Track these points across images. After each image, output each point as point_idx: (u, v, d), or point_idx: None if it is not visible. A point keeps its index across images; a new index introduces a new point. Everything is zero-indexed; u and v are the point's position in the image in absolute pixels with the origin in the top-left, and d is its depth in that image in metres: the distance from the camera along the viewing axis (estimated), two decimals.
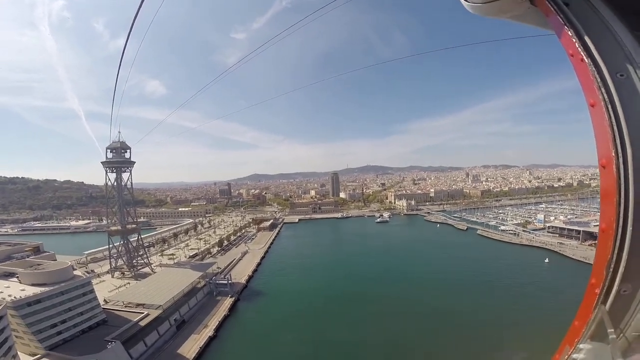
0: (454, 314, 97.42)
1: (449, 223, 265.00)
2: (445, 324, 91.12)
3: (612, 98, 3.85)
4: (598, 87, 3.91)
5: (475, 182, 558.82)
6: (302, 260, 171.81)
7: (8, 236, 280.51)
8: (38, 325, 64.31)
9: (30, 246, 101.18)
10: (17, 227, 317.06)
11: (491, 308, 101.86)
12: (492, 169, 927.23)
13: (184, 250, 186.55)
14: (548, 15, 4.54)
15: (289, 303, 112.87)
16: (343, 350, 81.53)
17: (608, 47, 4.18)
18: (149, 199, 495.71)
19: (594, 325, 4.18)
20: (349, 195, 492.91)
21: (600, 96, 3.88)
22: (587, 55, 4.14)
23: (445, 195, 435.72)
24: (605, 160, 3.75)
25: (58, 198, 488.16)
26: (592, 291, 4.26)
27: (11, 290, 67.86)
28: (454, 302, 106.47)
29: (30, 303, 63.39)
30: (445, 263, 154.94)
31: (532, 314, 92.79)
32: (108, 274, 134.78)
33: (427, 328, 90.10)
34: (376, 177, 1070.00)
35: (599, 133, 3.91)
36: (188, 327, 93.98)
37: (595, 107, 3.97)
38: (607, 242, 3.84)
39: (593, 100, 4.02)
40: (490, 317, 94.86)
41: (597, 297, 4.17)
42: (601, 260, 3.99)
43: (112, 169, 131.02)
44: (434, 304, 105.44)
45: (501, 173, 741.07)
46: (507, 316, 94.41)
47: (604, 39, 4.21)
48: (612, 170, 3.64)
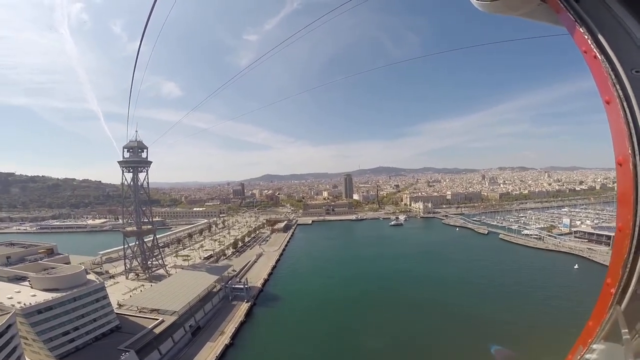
0: (489, 321, 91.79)
1: (469, 227, 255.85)
2: (482, 333, 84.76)
3: (628, 94, 3.89)
4: (613, 84, 3.96)
5: (493, 185, 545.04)
6: (317, 264, 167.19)
7: (26, 234, 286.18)
8: (49, 333, 61.07)
9: (44, 248, 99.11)
10: (36, 225, 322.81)
11: (527, 315, 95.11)
12: (508, 171, 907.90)
13: (199, 252, 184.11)
14: (559, 12, 4.56)
15: (306, 309, 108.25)
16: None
17: (621, 43, 4.15)
18: (164, 199, 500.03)
19: (609, 326, 4.10)
20: (363, 197, 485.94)
21: (615, 93, 3.93)
22: (601, 52, 4.13)
23: (462, 197, 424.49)
24: (621, 158, 3.77)
25: (76, 197, 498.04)
26: (608, 291, 4.18)
27: (21, 296, 65.01)
28: (487, 308, 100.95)
29: (40, 310, 60.15)
30: (470, 268, 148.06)
31: (571, 321, 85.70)
32: (122, 275, 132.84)
33: (461, 338, 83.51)
34: (389, 178, 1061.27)
35: (615, 130, 3.94)
36: (203, 333, 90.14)
37: (611, 104, 4.00)
38: (623, 242, 3.85)
39: (608, 97, 4.05)
40: (528, 325, 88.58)
41: (612, 297, 4.11)
42: (617, 260, 4.00)
43: (129, 168, 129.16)
44: (465, 310, 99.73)
45: (518, 175, 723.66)
46: (544, 323, 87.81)
47: (617, 35, 4.17)
48: (628, 168, 3.64)
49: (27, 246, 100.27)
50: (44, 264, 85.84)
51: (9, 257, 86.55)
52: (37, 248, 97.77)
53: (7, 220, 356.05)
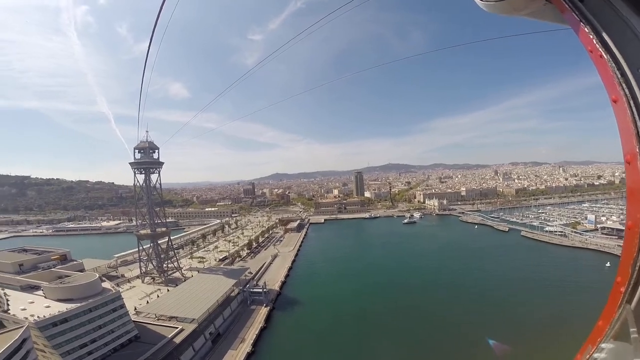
0: (530, 326, 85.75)
1: (488, 224, 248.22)
2: (526, 341, 78.81)
3: (634, 93, 3.94)
4: (619, 83, 4.08)
5: (507, 180, 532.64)
6: (334, 265, 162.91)
7: (42, 237, 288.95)
8: (66, 346, 57.83)
9: (57, 254, 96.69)
10: (52, 227, 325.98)
11: (566, 317, 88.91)
12: (521, 167, 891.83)
13: (213, 253, 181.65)
14: (563, 12, 4.65)
15: (325, 314, 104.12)
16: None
17: (627, 42, 4.17)
18: (176, 199, 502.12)
19: (618, 325, 4.15)
20: (375, 194, 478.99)
21: (621, 92, 4.00)
22: (606, 51, 4.20)
23: (477, 194, 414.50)
24: (630, 156, 3.81)
25: (90, 199, 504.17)
26: (618, 290, 4.17)
27: (35, 307, 61.97)
28: (526, 311, 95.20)
29: (55, 323, 57.00)
30: (497, 267, 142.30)
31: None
32: (138, 278, 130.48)
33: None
34: (399, 175, 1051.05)
35: (623, 129, 3.99)
36: (224, 341, 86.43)
37: (618, 102, 4.06)
38: (633, 240, 3.86)
39: (615, 96, 4.11)
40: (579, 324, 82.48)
41: (622, 296, 4.11)
42: (627, 258, 4.02)
43: (141, 169, 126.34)
44: (500, 313, 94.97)
45: (532, 170, 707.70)
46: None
47: (622, 34, 4.20)
48: (637, 166, 3.71)
49: (40, 252, 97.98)
50: (57, 271, 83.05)
51: (22, 264, 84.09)
52: (51, 254, 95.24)
53: (25, 223, 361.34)
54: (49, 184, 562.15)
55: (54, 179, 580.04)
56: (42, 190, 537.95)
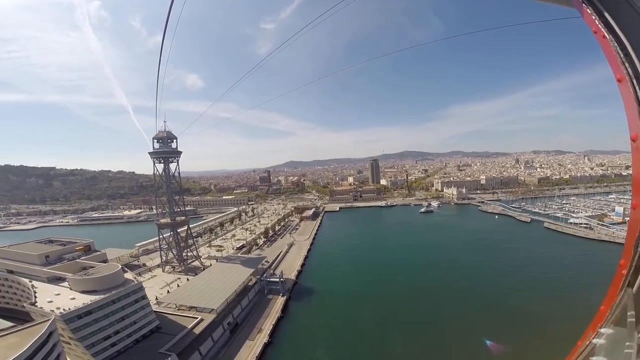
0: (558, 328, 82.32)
1: (509, 214, 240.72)
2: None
3: (638, 72, 4.00)
4: (622, 63, 4.25)
5: (529, 169, 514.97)
6: (349, 254, 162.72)
7: (68, 227, 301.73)
8: (91, 338, 59.53)
9: (82, 245, 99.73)
10: (77, 217, 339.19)
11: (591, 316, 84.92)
12: (543, 155, 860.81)
13: (231, 241, 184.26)
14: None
15: (341, 304, 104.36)
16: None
17: (630, 22, 4.24)
18: (194, 187, 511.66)
19: (619, 310, 4.14)
20: (391, 182, 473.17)
21: (624, 71, 4.19)
22: (609, 31, 4.31)
23: (498, 182, 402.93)
24: (635, 134, 3.98)
25: (112, 188, 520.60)
26: (620, 273, 4.16)
27: (61, 299, 64.07)
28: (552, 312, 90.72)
29: (80, 315, 58.62)
30: (520, 261, 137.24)
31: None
32: (159, 267, 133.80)
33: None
34: (415, 162, 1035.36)
35: (628, 107, 4.10)
36: (242, 331, 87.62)
37: (622, 82, 4.14)
38: (638, 220, 3.84)
39: (619, 75, 4.19)
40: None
41: (623, 279, 4.07)
42: (630, 240, 4.02)
43: (160, 159, 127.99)
44: (535, 309, 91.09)
45: (555, 159, 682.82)
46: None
47: (625, 15, 4.55)
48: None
49: (65, 243, 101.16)
50: (81, 262, 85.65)
51: (48, 256, 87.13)
52: (75, 245, 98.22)
53: (51, 214, 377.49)
54: (73, 174, 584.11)
55: (77, 170, 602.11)
56: (67, 180, 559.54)
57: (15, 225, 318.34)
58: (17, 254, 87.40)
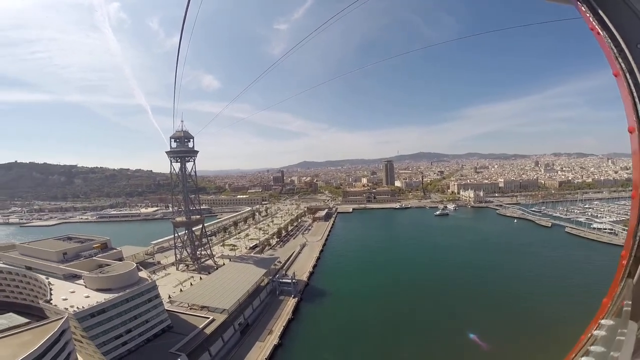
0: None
1: (528, 218, 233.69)
2: None
3: (632, 68, 4.12)
4: (615, 58, 4.33)
5: (549, 172, 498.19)
6: (362, 256, 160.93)
7: (87, 224, 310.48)
8: (102, 337, 59.91)
9: (99, 242, 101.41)
10: (96, 214, 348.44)
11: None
12: (564, 158, 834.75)
13: (244, 241, 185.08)
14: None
15: (352, 307, 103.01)
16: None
17: (624, 19, 4.54)
18: (210, 186, 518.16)
19: (619, 301, 4.16)
20: (405, 183, 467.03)
21: (618, 66, 4.33)
22: (603, 28, 4.60)
23: (517, 186, 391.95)
24: (631, 127, 4.22)
25: (130, 186, 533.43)
26: (621, 264, 4.28)
27: (75, 297, 64.80)
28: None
29: (93, 314, 59.14)
30: (541, 264, 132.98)
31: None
32: (173, 265, 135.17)
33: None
34: (430, 164, 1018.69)
35: (625, 101, 4.28)
36: (252, 332, 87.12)
37: (618, 77, 4.32)
38: (636, 210, 4.01)
39: (615, 70, 4.35)
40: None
41: (623, 270, 4.15)
42: (630, 230, 4.11)
43: (177, 158, 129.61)
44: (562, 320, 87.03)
45: (576, 162, 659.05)
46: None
47: (619, 11, 4.56)
48: (636, 135, 4.11)
49: (83, 240, 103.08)
50: (98, 260, 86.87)
51: (66, 253, 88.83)
52: (92, 243, 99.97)
53: (72, 210, 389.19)
54: (93, 172, 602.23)
55: (98, 168, 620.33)
56: (88, 178, 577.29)
57: (37, 221, 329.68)
58: (36, 250, 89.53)
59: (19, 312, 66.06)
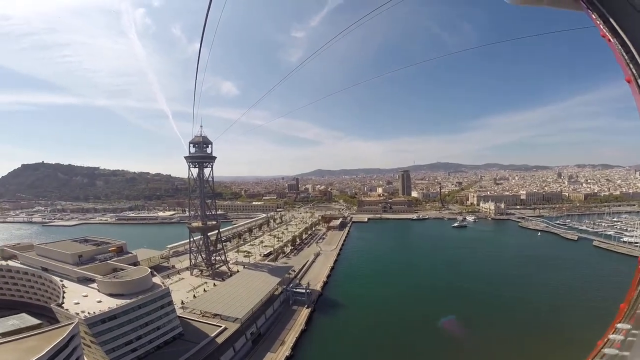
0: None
1: (553, 231, 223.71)
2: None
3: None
4: (627, 64, 4.47)
5: (574, 184, 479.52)
6: (377, 268, 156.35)
7: (106, 225, 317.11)
8: (112, 343, 58.57)
9: (114, 246, 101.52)
10: (115, 216, 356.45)
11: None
12: (588, 169, 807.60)
13: (259, 248, 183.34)
14: (576, 1, 5.21)
15: (366, 320, 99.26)
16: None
17: (633, 26, 4.57)
18: (226, 192, 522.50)
19: (636, 306, 4.23)
20: (422, 194, 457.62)
21: (630, 72, 4.46)
22: (613, 35, 4.66)
23: (539, 198, 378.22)
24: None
25: (149, 189, 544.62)
26: (638, 269, 4.39)
27: (87, 301, 64.11)
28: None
29: (104, 320, 57.99)
30: (570, 279, 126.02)
31: None
32: (187, 270, 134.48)
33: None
34: (448, 174, 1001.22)
35: (638, 106, 4.53)
36: (264, 342, 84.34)
37: (631, 83, 4.62)
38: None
39: (627, 76, 4.66)
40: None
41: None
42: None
43: (195, 163, 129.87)
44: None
45: (602, 174, 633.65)
46: None
47: (629, 18, 4.56)
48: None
49: (99, 243, 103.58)
50: (112, 264, 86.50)
51: (81, 255, 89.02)
52: (108, 246, 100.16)
53: (92, 211, 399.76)
54: (114, 174, 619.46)
55: (119, 171, 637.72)
56: (109, 180, 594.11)
57: (59, 221, 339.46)
58: (52, 251, 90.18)
59: (32, 312, 65.83)
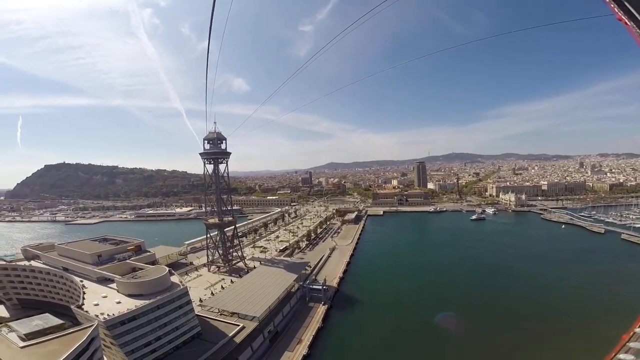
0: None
1: (578, 224, 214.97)
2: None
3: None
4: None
5: (598, 174, 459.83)
6: (394, 263, 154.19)
7: (126, 222, 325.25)
8: (132, 345, 58.65)
9: (133, 245, 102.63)
10: (134, 213, 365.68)
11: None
12: (612, 158, 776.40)
13: (274, 243, 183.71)
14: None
15: (383, 317, 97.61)
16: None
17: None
18: (241, 187, 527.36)
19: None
20: (439, 185, 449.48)
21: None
22: (630, 17, 4.56)
23: (562, 189, 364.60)
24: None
25: (167, 186, 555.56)
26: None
27: (107, 302, 64.71)
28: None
29: (124, 321, 58.15)
30: (600, 277, 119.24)
31: None
32: (205, 267, 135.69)
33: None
34: (464, 165, 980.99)
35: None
36: (281, 341, 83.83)
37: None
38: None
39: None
40: None
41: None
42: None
43: (210, 160, 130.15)
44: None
45: (627, 163, 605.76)
46: None
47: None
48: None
49: (118, 242, 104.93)
50: (131, 263, 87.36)
51: (100, 255, 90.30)
52: (127, 245, 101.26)
53: (112, 209, 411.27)
54: (133, 172, 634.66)
55: (137, 169, 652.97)
56: (128, 178, 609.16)
57: (81, 220, 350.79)
58: (73, 251, 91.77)
59: (55, 312, 66.78)
